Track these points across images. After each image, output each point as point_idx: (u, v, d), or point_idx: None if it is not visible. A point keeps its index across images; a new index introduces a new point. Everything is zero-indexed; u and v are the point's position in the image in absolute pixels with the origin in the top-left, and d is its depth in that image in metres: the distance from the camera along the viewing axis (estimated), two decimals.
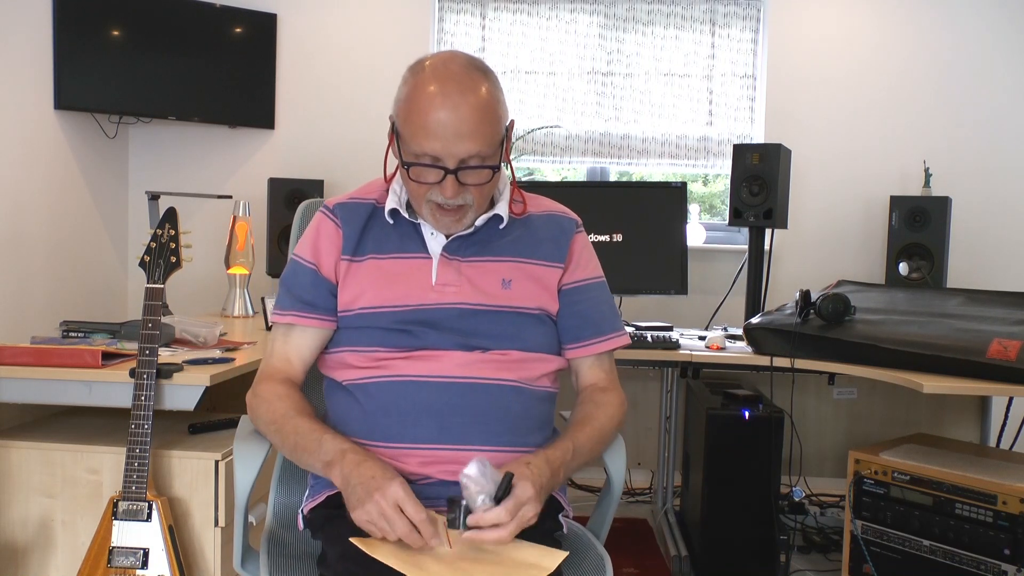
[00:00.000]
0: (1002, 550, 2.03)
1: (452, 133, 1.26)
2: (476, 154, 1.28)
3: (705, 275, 3.40)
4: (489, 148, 1.30)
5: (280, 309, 1.42)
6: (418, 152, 1.29)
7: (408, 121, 1.29)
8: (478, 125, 1.27)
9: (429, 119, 1.26)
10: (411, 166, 1.30)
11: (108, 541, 1.75)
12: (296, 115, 3.56)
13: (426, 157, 1.28)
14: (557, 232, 1.47)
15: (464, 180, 1.30)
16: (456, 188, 1.30)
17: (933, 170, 3.28)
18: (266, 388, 1.40)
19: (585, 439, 1.37)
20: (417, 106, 1.27)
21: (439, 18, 3.55)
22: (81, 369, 1.82)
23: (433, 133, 1.26)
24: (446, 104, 1.26)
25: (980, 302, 2.36)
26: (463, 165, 1.29)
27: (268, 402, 1.37)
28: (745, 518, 2.49)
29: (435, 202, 1.33)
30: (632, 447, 3.15)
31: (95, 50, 3.18)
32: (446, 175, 1.29)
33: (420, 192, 1.33)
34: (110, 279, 3.50)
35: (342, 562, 1.21)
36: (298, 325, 1.41)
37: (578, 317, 1.45)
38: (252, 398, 1.41)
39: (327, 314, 1.40)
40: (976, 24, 3.37)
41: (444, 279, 1.38)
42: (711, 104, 3.50)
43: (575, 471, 1.36)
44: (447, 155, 1.27)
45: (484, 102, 1.28)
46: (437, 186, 1.30)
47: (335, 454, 1.25)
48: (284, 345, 1.42)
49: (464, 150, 1.27)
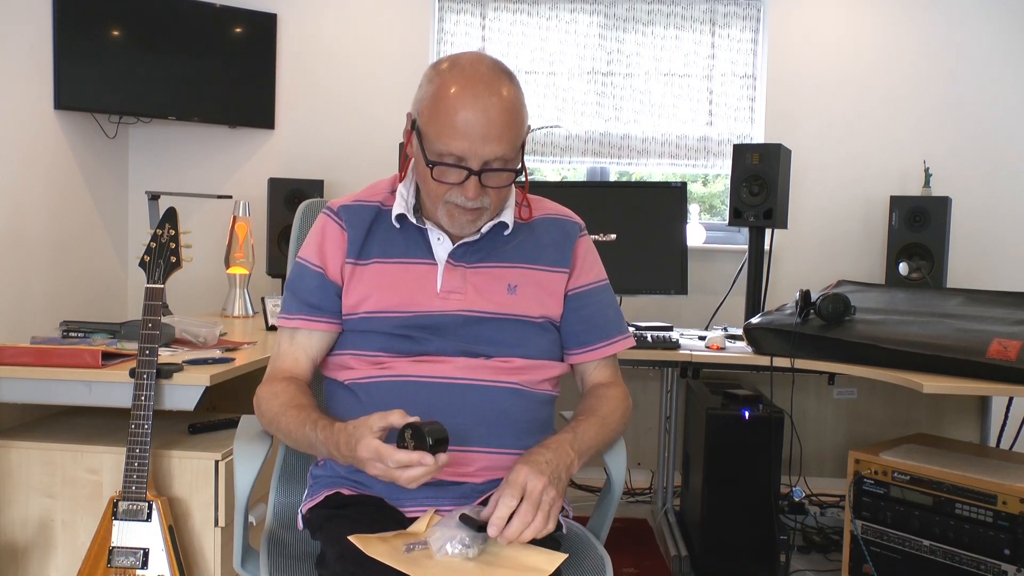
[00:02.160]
0: (1002, 550, 2.03)
1: (480, 134, 1.26)
2: (500, 157, 1.28)
3: (705, 275, 3.40)
4: (512, 152, 1.30)
5: (287, 313, 1.42)
6: (443, 151, 1.28)
7: (434, 120, 1.28)
8: (505, 128, 1.27)
9: (457, 119, 1.25)
10: (435, 165, 1.30)
11: (108, 541, 1.75)
12: (296, 115, 3.56)
13: (450, 157, 1.28)
14: (561, 237, 1.46)
15: (486, 183, 1.30)
16: (478, 190, 1.29)
17: (933, 170, 3.28)
18: (266, 388, 1.40)
19: (586, 427, 1.36)
20: (445, 105, 1.27)
21: (439, 18, 3.55)
22: (81, 369, 1.82)
23: (461, 133, 1.26)
24: (476, 105, 1.25)
25: (980, 302, 2.36)
26: (487, 167, 1.29)
27: (267, 400, 1.38)
28: (745, 518, 2.48)
29: (453, 203, 1.33)
30: (632, 447, 3.14)
31: (95, 50, 3.18)
32: (469, 176, 1.28)
33: (439, 192, 1.32)
34: (110, 279, 3.50)
35: (341, 562, 1.21)
36: (305, 329, 1.41)
37: (584, 322, 1.45)
38: (255, 400, 1.41)
39: (334, 317, 1.40)
40: (976, 24, 3.37)
41: (449, 286, 1.38)
42: (711, 104, 3.50)
43: (584, 454, 1.33)
44: (472, 156, 1.27)
45: (511, 105, 1.28)
46: (458, 187, 1.30)
47: (324, 451, 1.27)
48: (291, 345, 1.42)
49: (490, 152, 1.27)
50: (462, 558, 1.15)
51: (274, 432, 1.40)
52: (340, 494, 1.36)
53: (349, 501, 1.35)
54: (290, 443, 1.37)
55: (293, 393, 1.36)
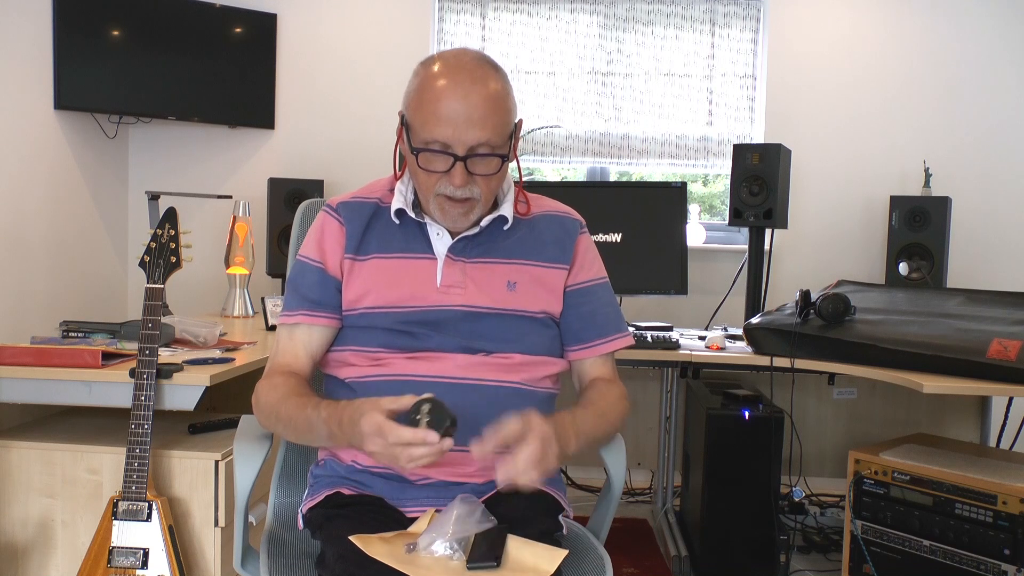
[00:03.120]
0: (1002, 550, 2.03)
1: (463, 120, 1.27)
2: (486, 142, 1.29)
3: (705, 275, 3.40)
4: (498, 139, 1.30)
5: (288, 310, 1.41)
6: (428, 139, 1.29)
7: (419, 109, 1.30)
8: (488, 113, 1.28)
9: (440, 106, 1.27)
10: (420, 152, 1.31)
11: (108, 541, 1.75)
12: (296, 115, 3.57)
13: (436, 144, 1.29)
14: (561, 233, 1.47)
15: (473, 169, 1.31)
16: (465, 176, 1.30)
17: (933, 170, 3.28)
18: (265, 382, 1.39)
19: (585, 415, 1.36)
20: (429, 95, 1.29)
21: (439, 18, 3.55)
22: (81, 369, 1.82)
23: (444, 119, 1.27)
24: (457, 92, 1.27)
25: (980, 302, 2.36)
26: (472, 153, 1.29)
27: (265, 393, 1.36)
28: (745, 518, 2.49)
29: (443, 194, 1.33)
30: (632, 447, 3.15)
31: (95, 50, 3.18)
32: (455, 163, 1.29)
33: (429, 183, 1.33)
34: (110, 279, 3.50)
35: (341, 562, 1.21)
36: (305, 324, 1.40)
37: (582, 319, 1.45)
38: (253, 395, 1.40)
39: (335, 312, 1.40)
40: (977, 24, 3.37)
41: (449, 280, 1.38)
42: (711, 104, 3.50)
43: (581, 437, 1.31)
44: (457, 142, 1.28)
45: (495, 93, 1.30)
46: (446, 176, 1.31)
47: (325, 431, 1.25)
48: (290, 341, 1.41)
49: (474, 137, 1.28)
50: (458, 561, 1.15)
51: (272, 424, 1.37)
52: (340, 494, 1.36)
53: (350, 501, 1.35)
54: (288, 432, 1.35)
55: (293, 385, 1.35)
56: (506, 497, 1.29)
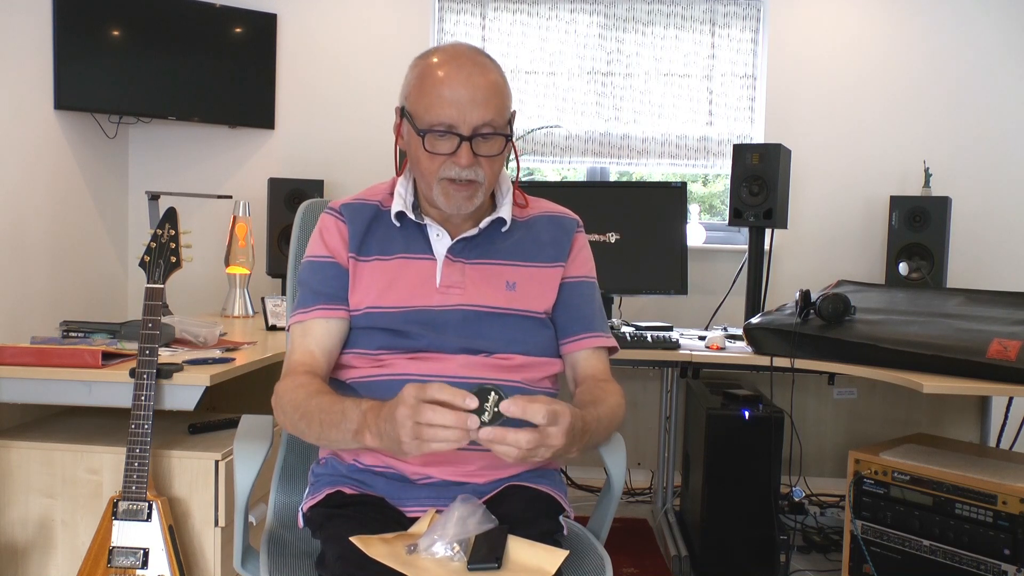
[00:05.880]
0: (1002, 550, 2.03)
1: (467, 101, 1.30)
2: (489, 122, 1.31)
3: (705, 275, 3.40)
4: (500, 120, 1.33)
5: (302, 308, 1.40)
6: (433, 122, 1.31)
7: (422, 96, 1.32)
8: (491, 94, 1.32)
9: (444, 90, 1.30)
10: (427, 134, 1.32)
11: (108, 541, 1.75)
12: (296, 115, 3.56)
13: (441, 126, 1.31)
14: (559, 233, 1.48)
15: (477, 150, 1.32)
16: (470, 157, 1.32)
17: (933, 170, 3.28)
18: (288, 381, 1.35)
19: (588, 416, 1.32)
20: (431, 80, 1.32)
21: (439, 18, 3.55)
22: (81, 369, 1.82)
23: (448, 101, 1.30)
24: (460, 75, 1.31)
25: (980, 302, 2.36)
26: (477, 133, 1.31)
27: (291, 391, 1.32)
28: (745, 518, 2.49)
29: (448, 177, 1.34)
30: (632, 447, 3.15)
31: (95, 50, 3.18)
32: (461, 143, 1.31)
33: (433, 168, 1.34)
34: (110, 279, 3.50)
35: (341, 563, 1.21)
36: (323, 318, 1.38)
37: (568, 311, 1.46)
38: (273, 398, 1.37)
39: (349, 307, 1.40)
40: (977, 24, 3.37)
41: (448, 280, 1.39)
42: (711, 104, 3.50)
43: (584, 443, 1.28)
44: (462, 122, 1.30)
45: (494, 77, 1.34)
46: (451, 158, 1.32)
47: (359, 420, 1.19)
48: (304, 339, 1.39)
49: (478, 117, 1.30)
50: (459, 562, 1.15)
51: (295, 421, 1.31)
52: (341, 493, 1.36)
53: (350, 500, 1.35)
54: (313, 427, 1.28)
55: (320, 385, 1.33)
56: (507, 497, 1.29)
